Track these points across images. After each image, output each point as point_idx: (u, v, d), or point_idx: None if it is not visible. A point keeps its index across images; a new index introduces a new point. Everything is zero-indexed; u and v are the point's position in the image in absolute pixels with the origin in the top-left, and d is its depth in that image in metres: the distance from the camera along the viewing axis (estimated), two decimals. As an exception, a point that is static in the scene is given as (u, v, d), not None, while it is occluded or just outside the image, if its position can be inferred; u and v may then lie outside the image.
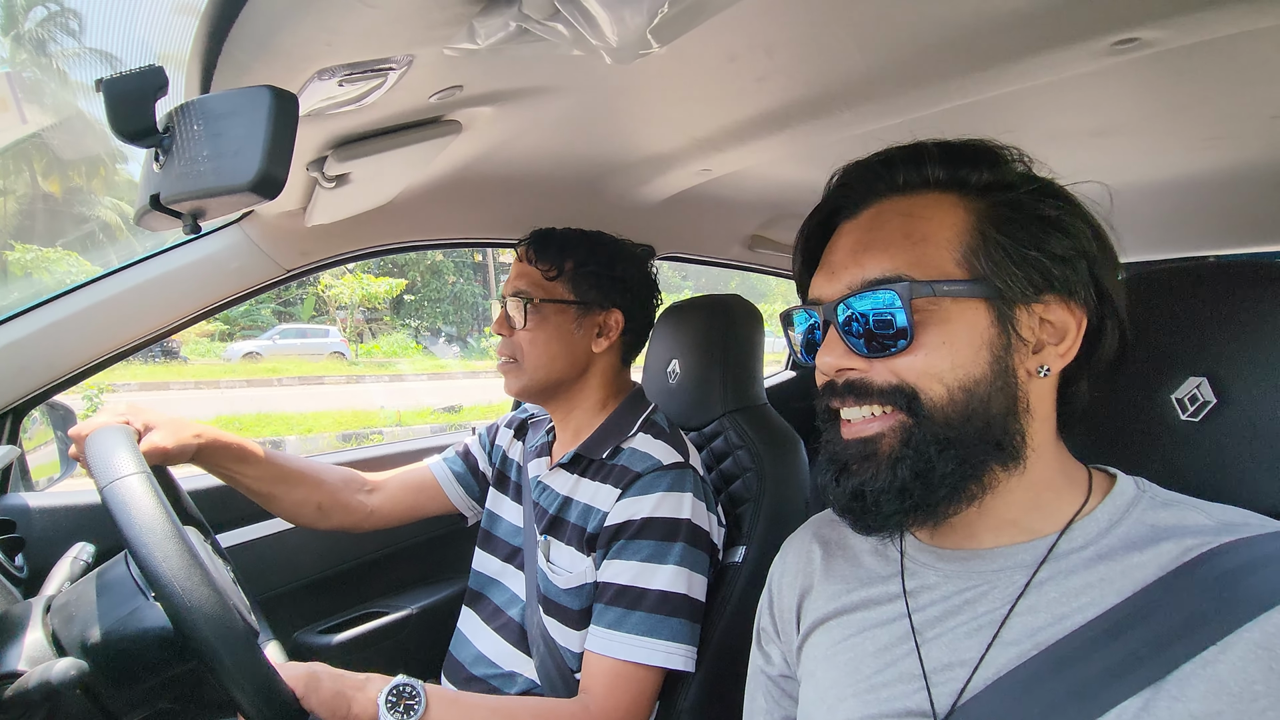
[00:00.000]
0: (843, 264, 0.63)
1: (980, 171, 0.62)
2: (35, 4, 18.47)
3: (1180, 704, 0.49)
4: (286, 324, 17.98)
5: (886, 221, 0.62)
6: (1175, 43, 0.73)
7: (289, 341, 16.31)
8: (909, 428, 0.59)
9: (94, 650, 0.76)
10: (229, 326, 17.58)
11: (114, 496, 0.74)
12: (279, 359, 15.41)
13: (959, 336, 0.58)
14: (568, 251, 1.18)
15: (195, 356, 15.95)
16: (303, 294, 19.42)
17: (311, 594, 1.49)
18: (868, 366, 0.60)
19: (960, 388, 0.58)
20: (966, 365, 0.58)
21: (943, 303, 0.58)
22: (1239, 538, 0.53)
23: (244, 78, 0.64)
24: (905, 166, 0.63)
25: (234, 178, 0.54)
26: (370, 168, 0.93)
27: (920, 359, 0.58)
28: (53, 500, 1.25)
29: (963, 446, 0.58)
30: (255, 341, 16.45)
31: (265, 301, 18.39)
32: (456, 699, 0.96)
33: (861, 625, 0.68)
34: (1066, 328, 0.60)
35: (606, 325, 1.19)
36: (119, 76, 0.57)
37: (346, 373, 15.83)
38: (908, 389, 0.59)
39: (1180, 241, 1.77)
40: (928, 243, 0.59)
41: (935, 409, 0.58)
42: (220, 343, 17.06)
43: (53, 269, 14.01)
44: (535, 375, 1.17)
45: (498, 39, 0.59)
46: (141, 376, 13.75)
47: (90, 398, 8.44)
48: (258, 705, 0.73)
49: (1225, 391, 0.63)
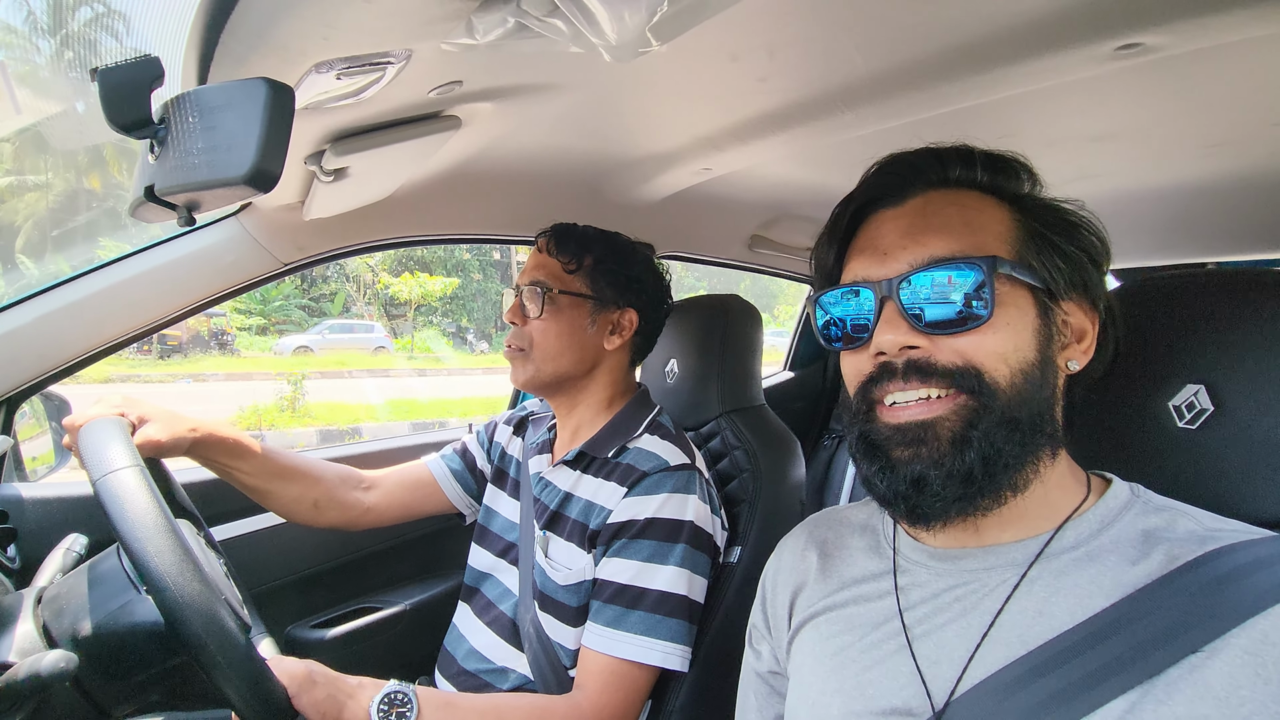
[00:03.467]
0: (899, 244, 0.63)
1: (1019, 182, 0.65)
2: (82, 4, 18.66)
3: (1166, 707, 0.49)
4: (335, 320, 18.52)
5: (941, 209, 0.63)
6: (1178, 49, 0.73)
7: (337, 336, 16.90)
8: (975, 409, 0.57)
9: (85, 643, 0.75)
10: (265, 320, 17.92)
11: (107, 490, 0.74)
12: (329, 353, 16.00)
13: (1017, 321, 0.59)
14: (588, 247, 1.18)
15: (245, 349, 16.43)
16: (333, 291, 19.81)
17: (305, 589, 1.48)
18: (931, 345, 0.59)
19: (1020, 370, 0.59)
20: (1024, 349, 0.59)
21: (1005, 286, 0.59)
22: (1228, 544, 0.54)
23: (241, 70, 0.63)
24: (958, 163, 0.65)
25: (229, 170, 0.54)
26: (369, 162, 0.93)
27: (988, 338, 0.58)
28: (45, 491, 1.24)
29: (1024, 431, 0.58)
30: (306, 336, 16.92)
31: (294, 298, 18.85)
32: (449, 702, 0.95)
33: (851, 622, 0.68)
34: (1084, 329, 0.63)
35: (620, 324, 1.19)
36: (114, 66, 0.56)
37: (391, 366, 16.38)
38: (973, 369, 0.58)
39: (1180, 248, 1.77)
40: (984, 233, 0.61)
41: (1001, 390, 0.58)
42: (259, 336, 17.41)
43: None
44: (543, 367, 1.17)
45: (496, 35, 0.59)
46: (224, 367, 14.48)
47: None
48: (247, 701, 0.73)
49: (1223, 399, 0.63)
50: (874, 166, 0.69)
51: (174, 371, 13.69)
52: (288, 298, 18.73)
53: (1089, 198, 0.65)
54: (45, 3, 18.57)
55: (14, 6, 16.94)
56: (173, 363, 14.25)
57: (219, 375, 13.74)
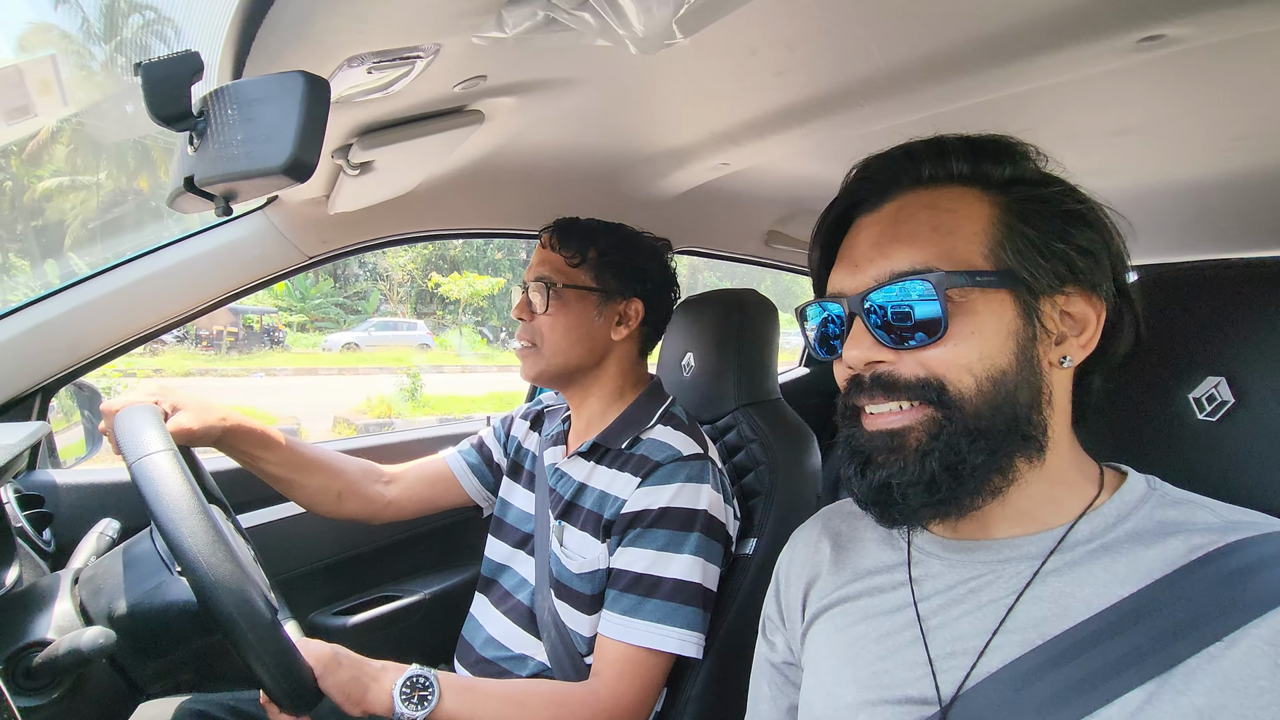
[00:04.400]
0: (867, 257, 0.63)
1: (1003, 166, 0.62)
2: (134, 11, 19.30)
3: (1184, 697, 0.49)
4: (380, 318, 19.24)
5: (912, 214, 0.63)
6: (1201, 40, 0.72)
7: (382, 334, 17.54)
8: (938, 420, 0.59)
9: (120, 621, 0.78)
10: (304, 318, 18.51)
11: (142, 472, 0.76)
12: (375, 350, 16.67)
13: (987, 327, 0.58)
14: (591, 240, 1.19)
15: (294, 345, 17.31)
16: (365, 290, 20.45)
17: (327, 577, 1.51)
18: (896, 359, 0.61)
19: (988, 378, 0.58)
20: (994, 356, 0.58)
21: (971, 294, 0.59)
22: (1247, 536, 0.54)
23: (275, 64, 0.65)
24: (930, 159, 0.63)
25: (267, 161, 0.55)
26: (393, 156, 0.95)
27: (949, 350, 0.59)
28: (79, 477, 1.27)
29: (992, 438, 0.58)
30: (353, 333, 17.67)
31: (331, 295, 19.51)
32: (469, 687, 0.97)
33: (865, 613, 0.68)
34: (1087, 320, 0.61)
35: (626, 314, 1.21)
36: (157, 61, 0.58)
37: (441, 362, 16.98)
38: (936, 381, 0.59)
39: (1203, 244, 1.75)
40: (955, 235, 0.60)
41: (965, 400, 0.58)
42: (301, 333, 18.13)
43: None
44: (554, 360, 1.18)
45: (525, 28, 0.60)
46: (290, 362, 15.30)
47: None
48: (276, 679, 0.75)
49: (1244, 392, 0.63)
50: (853, 170, 0.69)
51: (248, 366, 14.36)
52: (326, 296, 19.41)
53: (1108, 193, 0.64)
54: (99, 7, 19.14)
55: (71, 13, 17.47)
56: (245, 358, 14.87)
57: (287, 370, 14.42)
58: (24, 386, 1.16)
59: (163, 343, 14.58)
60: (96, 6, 18.93)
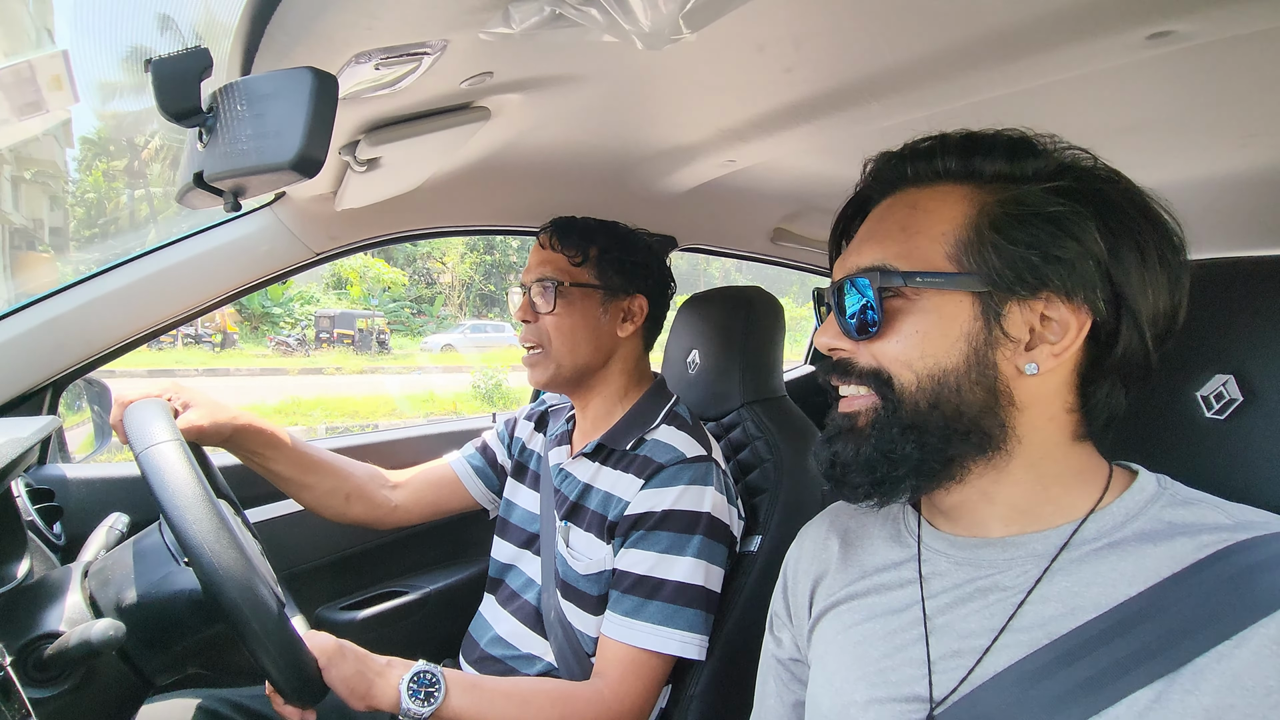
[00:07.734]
0: (853, 250, 0.67)
1: (995, 161, 0.62)
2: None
3: (1193, 697, 0.49)
4: (473, 320, 21.14)
5: (893, 213, 0.65)
6: (1211, 36, 0.72)
7: (475, 335, 19.28)
8: (879, 409, 0.63)
9: (128, 612, 0.79)
10: (385, 318, 19.95)
11: (149, 461, 0.77)
12: (470, 352, 18.11)
13: (934, 327, 0.60)
14: (591, 238, 1.19)
15: (396, 348, 18.95)
16: (433, 294, 22.10)
17: (334, 572, 1.52)
18: (854, 348, 0.65)
19: (929, 375, 0.60)
20: (938, 355, 0.60)
21: (924, 293, 0.60)
22: (1256, 535, 0.53)
23: (284, 60, 0.65)
24: (917, 159, 0.65)
25: (276, 156, 0.56)
26: (401, 152, 0.95)
27: (893, 345, 0.62)
28: (89, 472, 1.28)
29: (924, 433, 0.61)
30: (450, 335, 19.57)
31: (401, 300, 21.01)
32: (475, 684, 0.97)
33: (873, 610, 0.68)
34: (1067, 326, 0.59)
35: (631, 311, 1.21)
36: (166, 58, 0.59)
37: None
38: (884, 373, 0.62)
39: (1212, 242, 1.73)
40: (921, 235, 0.62)
41: (904, 394, 0.61)
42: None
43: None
44: (563, 362, 1.18)
45: (532, 23, 0.60)
46: (397, 361, 16.95)
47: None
48: (280, 668, 0.76)
49: (1252, 389, 0.63)
50: (866, 163, 0.71)
51: (374, 365, 16.03)
52: (398, 301, 20.80)
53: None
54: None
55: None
56: (362, 357, 16.42)
57: (390, 369, 15.94)
58: (35, 381, 1.17)
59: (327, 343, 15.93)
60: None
